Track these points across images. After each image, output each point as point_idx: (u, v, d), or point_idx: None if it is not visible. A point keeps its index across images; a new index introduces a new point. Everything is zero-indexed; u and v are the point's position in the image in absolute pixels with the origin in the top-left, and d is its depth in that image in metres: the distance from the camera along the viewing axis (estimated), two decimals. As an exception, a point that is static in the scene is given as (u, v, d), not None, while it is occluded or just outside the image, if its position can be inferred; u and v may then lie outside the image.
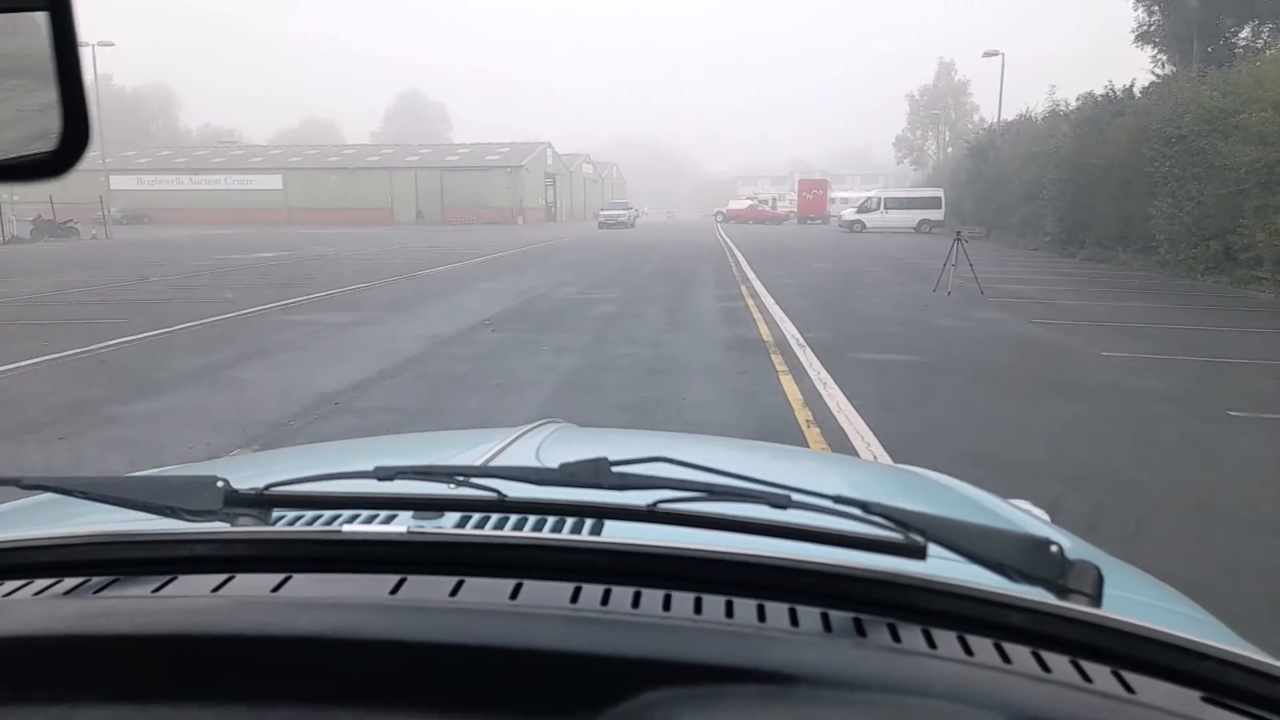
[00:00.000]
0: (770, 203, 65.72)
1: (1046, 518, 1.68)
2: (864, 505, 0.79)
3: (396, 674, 0.69)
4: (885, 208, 47.22)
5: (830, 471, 2.02)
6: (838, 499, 0.80)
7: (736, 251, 28.08)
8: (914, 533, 0.76)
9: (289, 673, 0.70)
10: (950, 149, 73.88)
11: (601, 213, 55.25)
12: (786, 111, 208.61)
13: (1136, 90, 27.59)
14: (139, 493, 0.89)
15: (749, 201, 65.40)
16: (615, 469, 0.83)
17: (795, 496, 0.80)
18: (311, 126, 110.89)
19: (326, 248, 30.36)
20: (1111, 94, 28.14)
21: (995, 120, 42.57)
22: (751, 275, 18.69)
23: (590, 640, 0.70)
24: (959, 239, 15.82)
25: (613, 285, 16.58)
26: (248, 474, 1.02)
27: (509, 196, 62.76)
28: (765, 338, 10.20)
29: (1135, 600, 1.14)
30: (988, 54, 42.53)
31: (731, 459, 1.72)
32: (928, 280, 17.58)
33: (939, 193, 46.70)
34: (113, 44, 40.52)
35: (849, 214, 48.55)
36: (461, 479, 0.89)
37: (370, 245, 32.45)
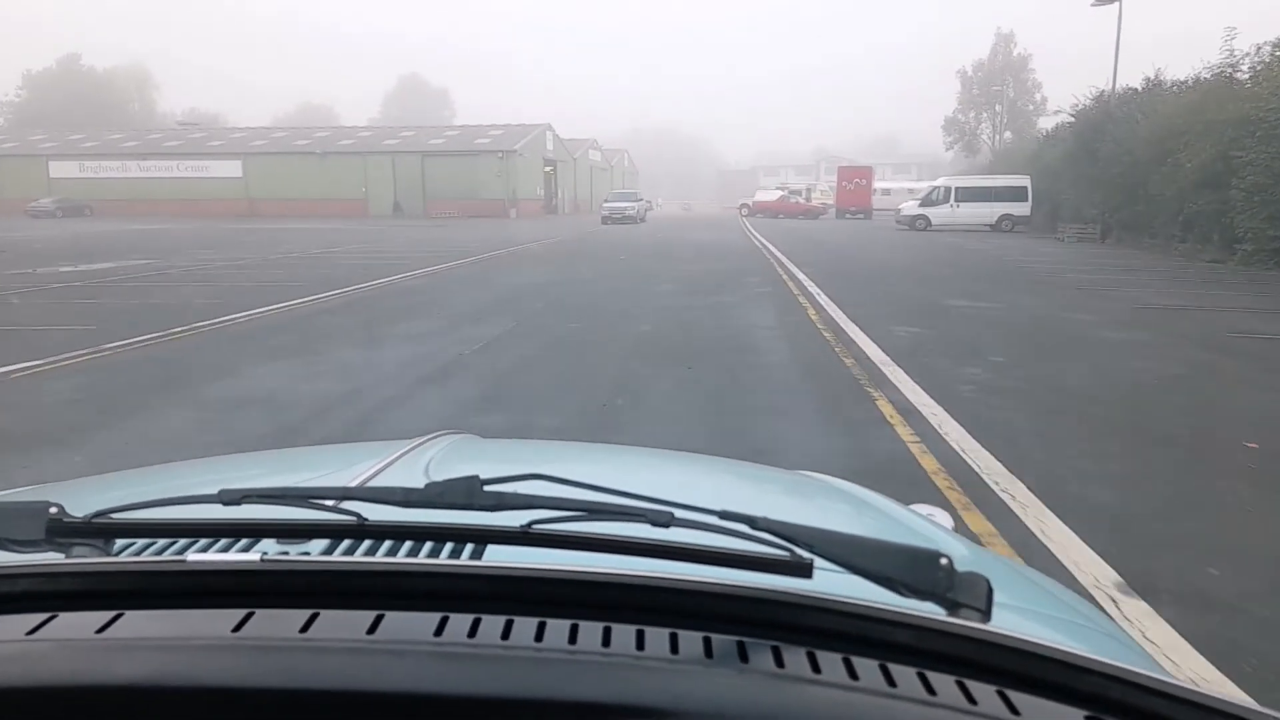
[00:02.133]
0: (804, 193, 55.58)
1: (949, 524, 1.59)
2: (751, 521, 0.74)
3: None
4: (956, 200, 37.21)
5: (721, 483, 1.71)
6: (724, 514, 0.76)
7: (791, 265, 18.20)
8: (801, 548, 0.72)
9: None
10: (1008, 133, 63.57)
11: (605, 205, 45.44)
12: (807, 100, 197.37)
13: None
14: None
15: (779, 192, 55.05)
16: (489, 488, 0.77)
17: (679, 513, 0.75)
18: (308, 113, 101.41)
19: (222, 253, 20.95)
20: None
21: (1109, 87, 32.44)
22: (865, 341, 8.72)
23: (454, 679, 0.64)
24: None
25: (555, 394, 6.92)
26: (93, 499, 0.91)
27: (500, 186, 53.05)
28: None
29: (1027, 610, 1.05)
30: (1098, 1, 32.40)
31: (616, 473, 1.61)
32: (1216, 346, 7.76)
33: (1025, 181, 36.64)
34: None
35: (910, 207, 38.46)
36: (315, 502, 0.81)
37: (285, 247, 23.50)
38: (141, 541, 0.90)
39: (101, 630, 0.68)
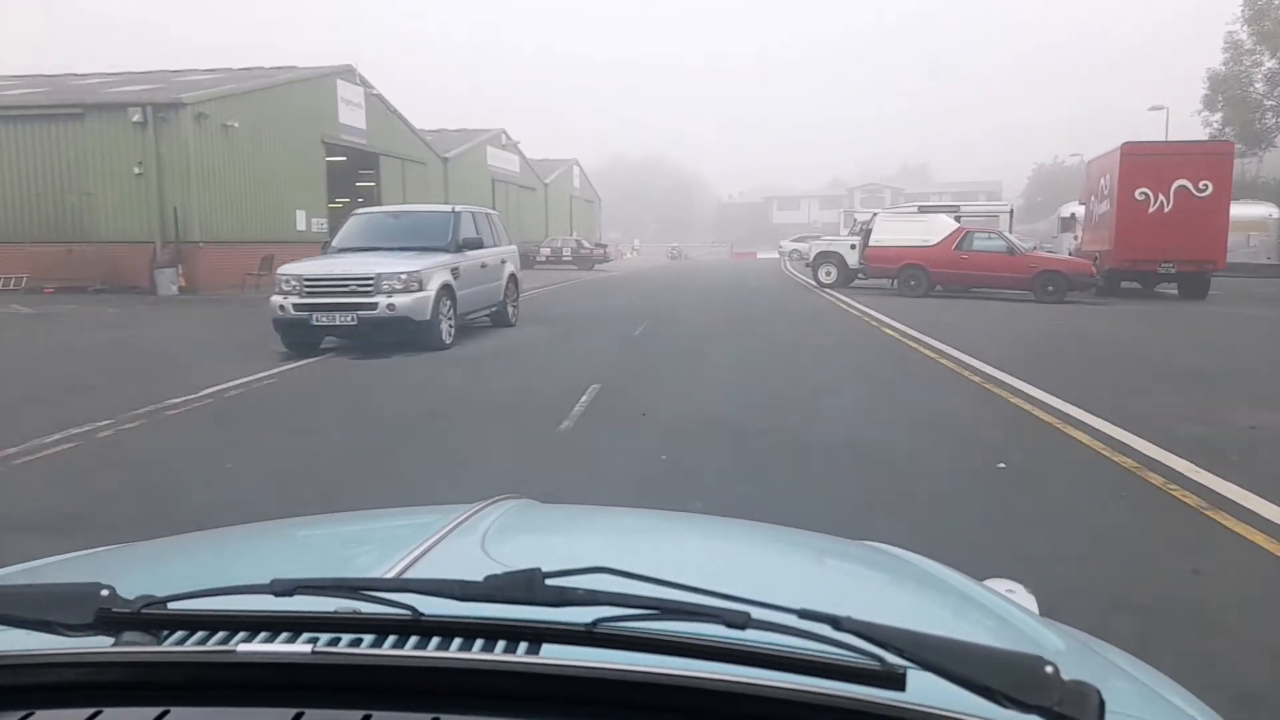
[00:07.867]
0: (1005, 221, 20.61)
1: (1034, 604, 1.37)
2: (834, 621, 0.64)
3: None
4: None
5: (795, 563, 1.48)
6: (804, 613, 0.65)
7: None
8: (891, 653, 0.62)
9: None
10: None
11: (281, 272, 9.35)
12: (810, 126, 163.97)
13: None
14: (7, 604, 0.72)
15: (950, 222, 19.27)
16: (550, 582, 0.69)
17: (755, 613, 0.65)
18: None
19: None
20: None
21: None
22: None
23: None
24: None
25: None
26: (144, 575, 0.85)
27: (148, 201, 17.58)
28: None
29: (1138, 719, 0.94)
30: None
31: (688, 559, 1.40)
32: None
33: None
34: None
35: None
36: (369, 594, 0.73)
37: None
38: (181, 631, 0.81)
39: None
